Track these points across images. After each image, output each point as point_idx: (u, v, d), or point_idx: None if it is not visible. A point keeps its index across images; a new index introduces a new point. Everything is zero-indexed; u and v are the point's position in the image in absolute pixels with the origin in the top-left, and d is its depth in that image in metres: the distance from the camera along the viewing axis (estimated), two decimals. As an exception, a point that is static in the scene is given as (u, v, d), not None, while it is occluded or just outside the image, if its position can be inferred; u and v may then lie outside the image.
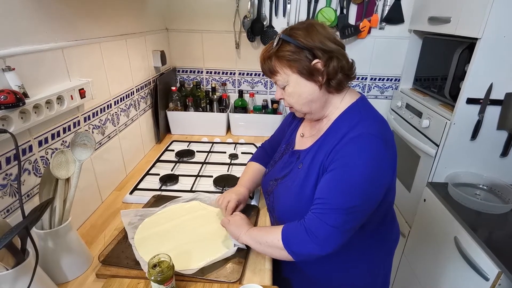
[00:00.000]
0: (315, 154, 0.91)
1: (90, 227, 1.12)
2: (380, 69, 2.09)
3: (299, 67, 0.86)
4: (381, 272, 1.07)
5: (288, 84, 0.90)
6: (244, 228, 0.98)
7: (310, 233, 0.82)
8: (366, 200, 0.82)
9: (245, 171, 1.26)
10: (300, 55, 0.85)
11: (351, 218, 0.81)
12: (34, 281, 0.70)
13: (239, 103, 2.07)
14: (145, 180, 1.43)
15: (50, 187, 0.85)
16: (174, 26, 2.04)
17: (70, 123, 1.05)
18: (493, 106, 1.39)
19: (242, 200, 1.15)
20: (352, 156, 0.80)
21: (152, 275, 0.76)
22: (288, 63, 0.87)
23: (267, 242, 0.90)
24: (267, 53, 0.91)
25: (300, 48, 0.85)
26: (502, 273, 1.09)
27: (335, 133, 0.88)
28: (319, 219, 0.81)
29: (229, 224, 1.01)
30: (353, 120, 0.87)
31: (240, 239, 0.97)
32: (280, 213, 0.99)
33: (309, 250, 0.83)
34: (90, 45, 1.15)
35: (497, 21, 1.25)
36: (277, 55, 0.88)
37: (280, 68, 0.89)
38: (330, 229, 0.80)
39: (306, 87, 0.89)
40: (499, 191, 1.46)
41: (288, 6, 1.92)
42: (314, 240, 0.82)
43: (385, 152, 0.82)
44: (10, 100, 0.74)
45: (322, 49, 0.85)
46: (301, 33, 0.86)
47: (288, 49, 0.86)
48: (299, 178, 0.93)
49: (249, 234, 0.96)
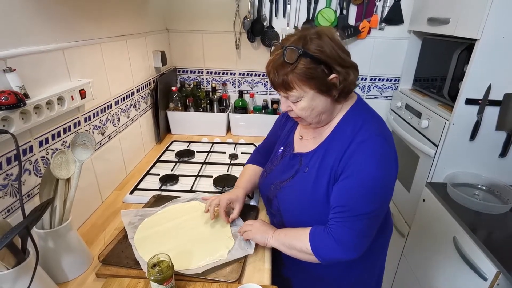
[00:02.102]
0: (323, 158, 0.91)
1: (90, 227, 1.13)
2: (379, 69, 2.09)
3: (318, 83, 0.82)
4: (377, 265, 1.11)
5: (302, 99, 0.86)
6: (270, 233, 0.98)
7: (339, 241, 0.84)
8: (384, 201, 0.85)
9: (242, 174, 1.25)
10: (317, 70, 0.81)
11: (373, 222, 0.85)
12: (35, 281, 0.70)
13: (239, 103, 2.07)
14: (145, 180, 1.43)
15: (50, 187, 0.86)
16: (175, 27, 2.04)
17: (70, 124, 1.05)
18: (491, 106, 1.39)
19: (235, 200, 1.12)
20: (365, 161, 0.82)
21: (152, 275, 0.77)
22: (307, 81, 0.82)
23: (296, 248, 0.92)
24: (281, 68, 0.83)
25: (318, 62, 0.81)
26: (500, 273, 1.09)
27: (340, 137, 0.89)
28: (345, 227, 0.84)
29: (252, 233, 1.00)
30: (357, 123, 0.88)
31: (268, 244, 0.98)
32: (291, 217, 1.00)
33: (338, 256, 0.87)
34: (91, 46, 1.16)
35: (496, 22, 1.25)
36: (294, 71, 0.81)
37: (297, 85, 0.83)
38: (356, 235, 0.84)
39: (320, 102, 0.86)
40: (498, 192, 1.46)
41: (288, 7, 1.93)
42: (343, 247, 0.85)
43: (391, 150, 0.85)
44: (11, 101, 0.74)
45: (340, 64, 0.82)
46: (316, 44, 0.81)
47: (306, 65, 0.80)
48: (308, 182, 0.93)
49: (276, 239, 0.97)
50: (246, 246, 1.00)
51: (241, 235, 1.03)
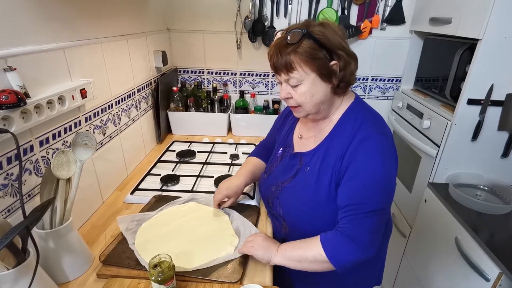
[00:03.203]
0: (324, 157, 0.91)
1: (91, 227, 1.13)
2: (381, 69, 2.09)
3: (319, 66, 0.83)
4: (378, 262, 1.12)
5: (303, 83, 0.85)
6: (273, 249, 0.93)
7: (355, 240, 0.83)
8: (389, 196, 0.86)
9: (244, 164, 1.24)
10: (320, 54, 0.82)
11: (382, 218, 0.85)
12: (35, 281, 0.70)
13: (240, 103, 2.07)
14: (146, 180, 1.43)
15: (51, 187, 0.85)
16: (176, 27, 2.04)
17: (71, 123, 1.05)
18: (494, 107, 1.39)
19: (232, 194, 1.13)
20: (369, 159, 0.83)
21: (153, 275, 0.77)
22: (309, 61, 0.82)
23: (308, 258, 0.87)
24: (284, 48, 0.83)
25: (321, 46, 0.82)
26: (502, 274, 1.09)
27: (341, 135, 0.90)
28: (358, 225, 0.83)
29: (254, 249, 0.93)
30: (357, 121, 0.89)
31: (272, 262, 0.92)
32: (294, 218, 0.99)
33: (356, 257, 0.84)
34: (92, 45, 1.16)
35: (498, 22, 1.25)
36: (296, 51, 0.81)
37: (299, 65, 0.83)
38: (370, 232, 0.84)
39: (321, 88, 0.86)
40: (500, 192, 1.46)
41: (289, 7, 1.92)
42: (360, 247, 0.83)
43: (391, 146, 0.86)
44: (11, 100, 0.74)
45: (341, 50, 0.84)
46: (319, 29, 0.83)
47: (308, 46, 0.81)
48: (310, 182, 0.92)
49: (282, 255, 0.91)
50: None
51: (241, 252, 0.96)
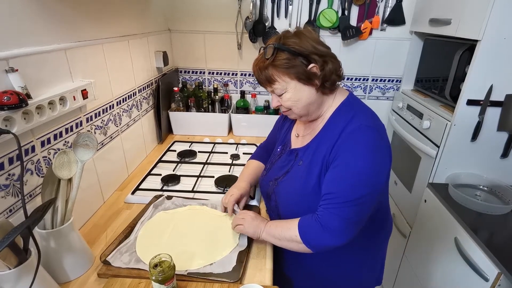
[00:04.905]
0: (315, 150, 0.94)
1: (92, 227, 1.13)
2: (381, 70, 2.09)
3: (297, 73, 0.88)
4: (378, 262, 1.13)
5: (287, 91, 0.91)
6: (262, 226, 0.99)
7: (326, 227, 0.85)
8: (372, 189, 0.86)
9: (245, 168, 1.28)
10: (296, 62, 0.88)
11: (360, 209, 0.85)
12: (36, 281, 0.70)
13: (241, 103, 2.07)
14: (147, 180, 1.43)
15: (52, 187, 0.86)
16: (177, 27, 2.04)
17: (72, 124, 1.06)
18: (493, 107, 1.39)
19: (245, 194, 1.17)
20: (353, 149, 0.84)
21: (153, 275, 0.77)
22: (286, 71, 0.88)
23: (286, 238, 0.93)
24: (262, 64, 0.91)
25: (295, 55, 0.87)
26: (501, 274, 1.09)
27: (332, 129, 0.92)
28: (332, 213, 0.85)
29: (245, 227, 1.01)
30: (348, 115, 0.91)
31: (260, 238, 0.99)
32: (285, 210, 1.01)
33: (326, 243, 0.87)
34: (93, 46, 1.16)
35: (497, 23, 1.25)
36: (273, 64, 0.89)
37: (278, 77, 0.90)
38: (343, 221, 0.84)
39: (304, 92, 0.91)
40: (500, 192, 1.46)
41: (290, 7, 1.93)
42: (330, 233, 0.86)
43: (381, 141, 0.87)
44: (13, 101, 0.75)
45: (316, 53, 0.88)
46: (292, 40, 0.89)
47: (283, 57, 0.87)
48: (301, 174, 0.96)
49: (266, 231, 0.98)
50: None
51: (233, 228, 1.05)
